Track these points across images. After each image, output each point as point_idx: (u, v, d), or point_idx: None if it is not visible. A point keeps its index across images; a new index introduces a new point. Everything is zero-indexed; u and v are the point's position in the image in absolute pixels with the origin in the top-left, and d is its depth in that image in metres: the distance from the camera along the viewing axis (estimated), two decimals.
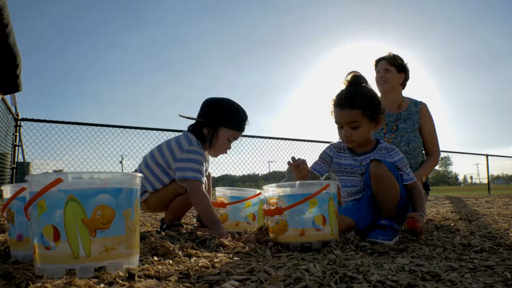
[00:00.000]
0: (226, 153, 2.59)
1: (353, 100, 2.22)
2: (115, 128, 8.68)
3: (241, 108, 2.55)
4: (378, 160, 2.17)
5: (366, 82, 2.33)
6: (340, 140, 2.42)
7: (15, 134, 7.51)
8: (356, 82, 2.30)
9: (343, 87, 2.34)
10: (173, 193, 2.43)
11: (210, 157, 2.67)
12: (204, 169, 2.42)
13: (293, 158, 2.21)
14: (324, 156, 2.46)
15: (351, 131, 2.24)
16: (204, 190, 2.32)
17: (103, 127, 8.52)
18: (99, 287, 0.99)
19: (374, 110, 2.23)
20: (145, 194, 2.47)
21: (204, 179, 2.37)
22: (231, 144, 2.57)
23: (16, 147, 7.50)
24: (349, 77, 2.33)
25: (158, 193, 2.46)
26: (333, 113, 2.32)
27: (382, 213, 2.16)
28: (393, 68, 3.42)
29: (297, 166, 2.23)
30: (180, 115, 2.56)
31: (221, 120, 2.48)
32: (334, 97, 2.32)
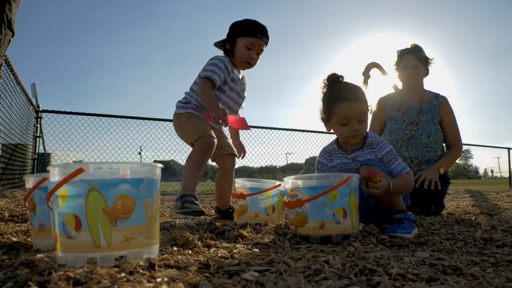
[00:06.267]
0: (250, 63, 2.84)
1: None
2: (134, 120, 8.76)
3: (257, 21, 2.82)
4: (367, 164, 2.12)
5: (343, 77, 2.17)
6: (327, 145, 2.38)
7: (36, 125, 7.63)
8: (334, 79, 2.18)
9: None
10: None
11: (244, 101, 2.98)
12: (222, 74, 2.70)
13: None
14: (320, 166, 2.37)
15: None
16: (207, 85, 2.60)
17: (122, 119, 8.61)
18: (120, 276, 0.99)
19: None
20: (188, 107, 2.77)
21: (216, 78, 2.65)
22: (258, 57, 2.85)
23: (37, 138, 7.63)
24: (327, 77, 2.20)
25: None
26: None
27: (392, 210, 2.13)
28: (421, 63, 3.38)
29: None
30: (214, 44, 2.95)
31: (236, 31, 2.82)
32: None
